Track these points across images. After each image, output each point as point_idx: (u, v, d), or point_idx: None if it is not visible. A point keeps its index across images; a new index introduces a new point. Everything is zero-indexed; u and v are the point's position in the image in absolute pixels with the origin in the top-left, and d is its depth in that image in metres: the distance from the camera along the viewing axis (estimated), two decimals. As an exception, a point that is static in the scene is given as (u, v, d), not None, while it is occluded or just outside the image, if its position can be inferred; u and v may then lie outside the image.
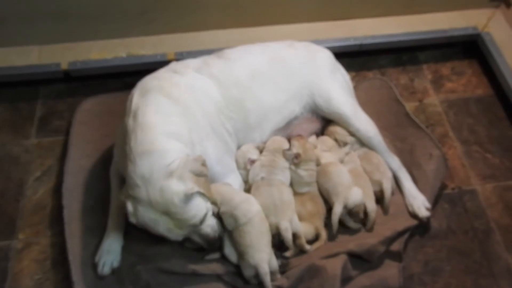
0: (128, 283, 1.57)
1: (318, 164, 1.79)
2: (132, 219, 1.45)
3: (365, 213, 1.73)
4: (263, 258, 1.54)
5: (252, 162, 1.76)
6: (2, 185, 1.87)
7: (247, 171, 1.75)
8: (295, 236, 1.64)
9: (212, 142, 1.65)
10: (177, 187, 1.41)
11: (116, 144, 1.70)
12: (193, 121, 1.59)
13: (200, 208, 1.47)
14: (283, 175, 1.74)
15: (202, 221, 1.48)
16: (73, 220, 1.70)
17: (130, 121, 1.53)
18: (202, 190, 1.45)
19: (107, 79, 2.19)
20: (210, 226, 1.53)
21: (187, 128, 1.55)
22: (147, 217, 1.43)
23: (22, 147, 1.99)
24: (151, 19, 2.17)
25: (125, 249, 1.64)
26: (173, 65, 1.75)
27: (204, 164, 1.50)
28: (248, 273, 1.56)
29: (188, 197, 1.42)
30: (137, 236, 1.66)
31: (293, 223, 1.64)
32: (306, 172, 1.75)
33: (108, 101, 2.05)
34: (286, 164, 1.76)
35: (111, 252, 1.62)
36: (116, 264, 1.61)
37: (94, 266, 1.60)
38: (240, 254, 1.57)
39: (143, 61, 2.14)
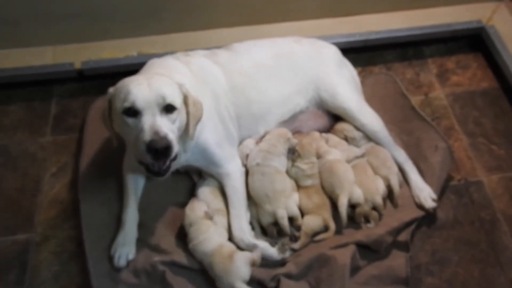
0: (144, 275, 1.62)
1: (318, 157, 1.83)
2: (111, 89, 1.51)
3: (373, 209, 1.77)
4: (231, 282, 1.53)
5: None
6: (20, 181, 1.93)
7: (245, 165, 1.80)
8: (292, 219, 1.69)
9: (212, 123, 1.71)
10: (172, 80, 1.50)
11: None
12: (199, 93, 1.65)
13: (175, 98, 1.47)
14: (279, 161, 1.78)
15: (167, 108, 1.45)
16: (89, 214, 1.75)
17: (144, 69, 1.63)
18: (190, 100, 1.51)
19: (119, 77, 2.17)
20: (167, 126, 1.44)
21: (195, 92, 1.62)
22: (128, 78, 1.49)
23: (38, 144, 2.04)
24: (161, 18, 2.22)
25: (140, 242, 1.68)
26: (185, 51, 1.85)
27: (201, 105, 1.58)
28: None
29: (180, 87, 1.50)
30: (152, 229, 1.71)
31: (289, 209, 1.68)
32: (307, 165, 1.80)
33: (120, 99, 2.11)
34: (284, 150, 1.81)
35: (126, 245, 1.66)
36: (131, 256, 1.65)
37: (110, 258, 1.65)
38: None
39: (153, 60, 2.19)
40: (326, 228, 1.72)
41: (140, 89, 1.42)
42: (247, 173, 1.77)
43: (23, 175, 1.95)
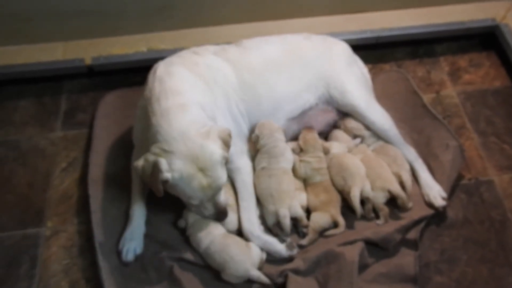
0: (151, 269, 1.63)
1: (325, 152, 1.83)
2: (167, 175, 1.44)
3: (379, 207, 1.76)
4: (246, 268, 1.56)
5: None
6: (30, 176, 1.95)
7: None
8: (296, 220, 1.69)
9: (224, 121, 1.71)
10: (216, 148, 1.48)
11: (136, 130, 1.76)
12: (212, 97, 1.67)
13: (225, 174, 1.55)
14: (284, 158, 1.78)
15: (221, 188, 1.57)
16: (98, 209, 1.76)
17: (156, 86, 1.61)
18: (227, 147, 1.54)
19: (129, 73, 2.24)
20: (223, 195, 1.61)
21: (209, 102, 1.64)
22: (185, 171, 1.46)
23: (48, 140, 2.06)
24: (171, 14, 2.23)
25: (148, 238, 1.69)
26: (194, 48, 1.84)
27: (230, 135, 1.56)
28: (236, 280, 1.59)
29: (223, 159, 1.50)
30: (160, 225, 1.72)
31: (292, 209, 1.68)
32: (314, 159, 1.80)
33: (129, 95, 2.11)
34: (284, 142, 1.81)
35: (133, 240, 1.67)
36: (139, 251, 1.66)
37: (119, 253, 1.66)
38: (222, 270, 1.60)
39: (163, 56, 2.12)
40: (335, 224, 1.71)
41: (204, 195, 1.53)
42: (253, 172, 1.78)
43: (33, 170, 1.97)
